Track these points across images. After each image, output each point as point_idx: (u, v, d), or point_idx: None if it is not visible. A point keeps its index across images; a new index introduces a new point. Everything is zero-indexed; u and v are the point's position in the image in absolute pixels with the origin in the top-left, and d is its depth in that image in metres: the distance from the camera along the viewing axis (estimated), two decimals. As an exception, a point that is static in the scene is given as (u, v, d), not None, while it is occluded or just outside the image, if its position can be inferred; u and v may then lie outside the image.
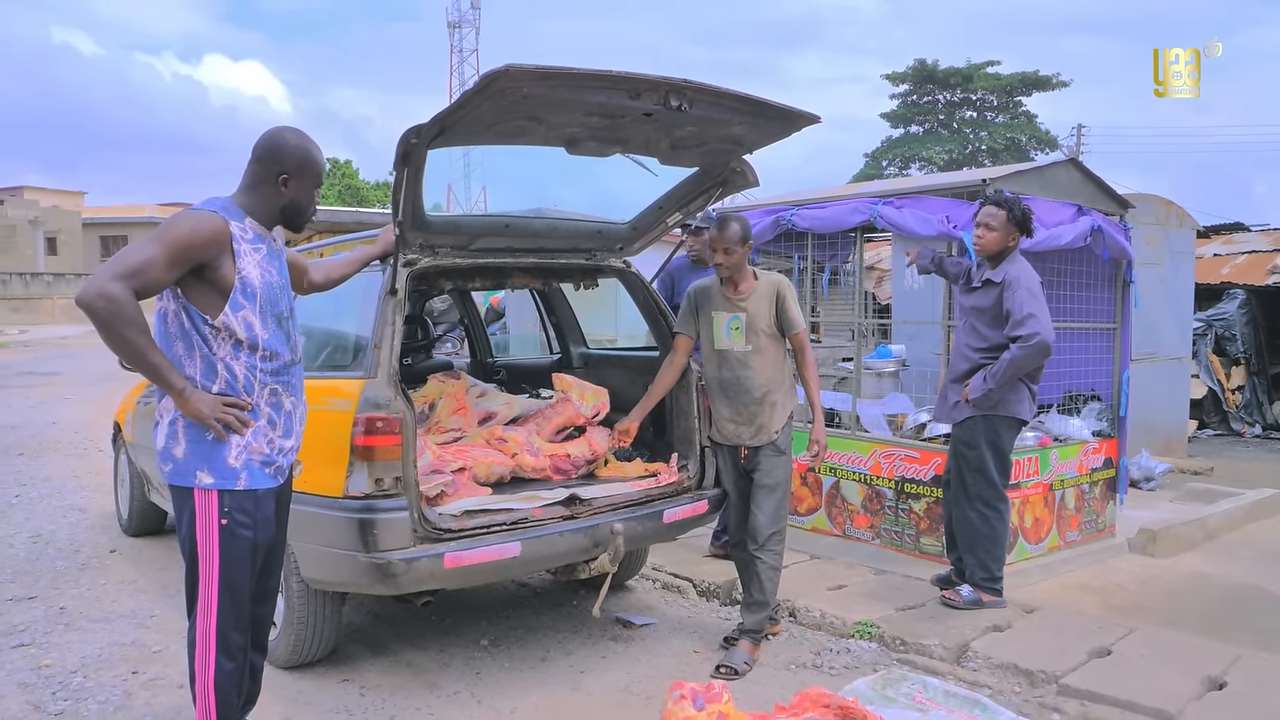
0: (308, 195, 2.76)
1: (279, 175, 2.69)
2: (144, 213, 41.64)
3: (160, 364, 2.54)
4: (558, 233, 4.05)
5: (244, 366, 2.65)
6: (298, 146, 2.72)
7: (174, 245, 2.52)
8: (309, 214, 2.81)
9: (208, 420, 2.57)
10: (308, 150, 2.74)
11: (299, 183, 2.71)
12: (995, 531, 4.30)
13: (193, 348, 2.61)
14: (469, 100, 2.82)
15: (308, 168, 2.73)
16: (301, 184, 2.72)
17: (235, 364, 2.63)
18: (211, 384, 2.62)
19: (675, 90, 3.02)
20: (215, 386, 2.62)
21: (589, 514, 3.58)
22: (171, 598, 4.66)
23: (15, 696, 3.50)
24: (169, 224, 2.57)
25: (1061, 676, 3.53)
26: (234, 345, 2.63)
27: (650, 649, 3.98)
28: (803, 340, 3.87)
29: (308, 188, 2.75)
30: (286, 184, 2.70)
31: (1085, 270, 5.63)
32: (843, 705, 2.64)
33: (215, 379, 2.62)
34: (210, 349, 2.61)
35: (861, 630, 4.06)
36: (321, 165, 2.79)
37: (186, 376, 2.60)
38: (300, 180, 2.72)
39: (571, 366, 5.11)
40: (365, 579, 3.19)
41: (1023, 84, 41.31)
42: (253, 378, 2.66)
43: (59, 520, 6.32)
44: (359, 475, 3.16)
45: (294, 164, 2.70)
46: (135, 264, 2.48)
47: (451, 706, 3.41)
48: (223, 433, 2.59)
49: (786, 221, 5.60)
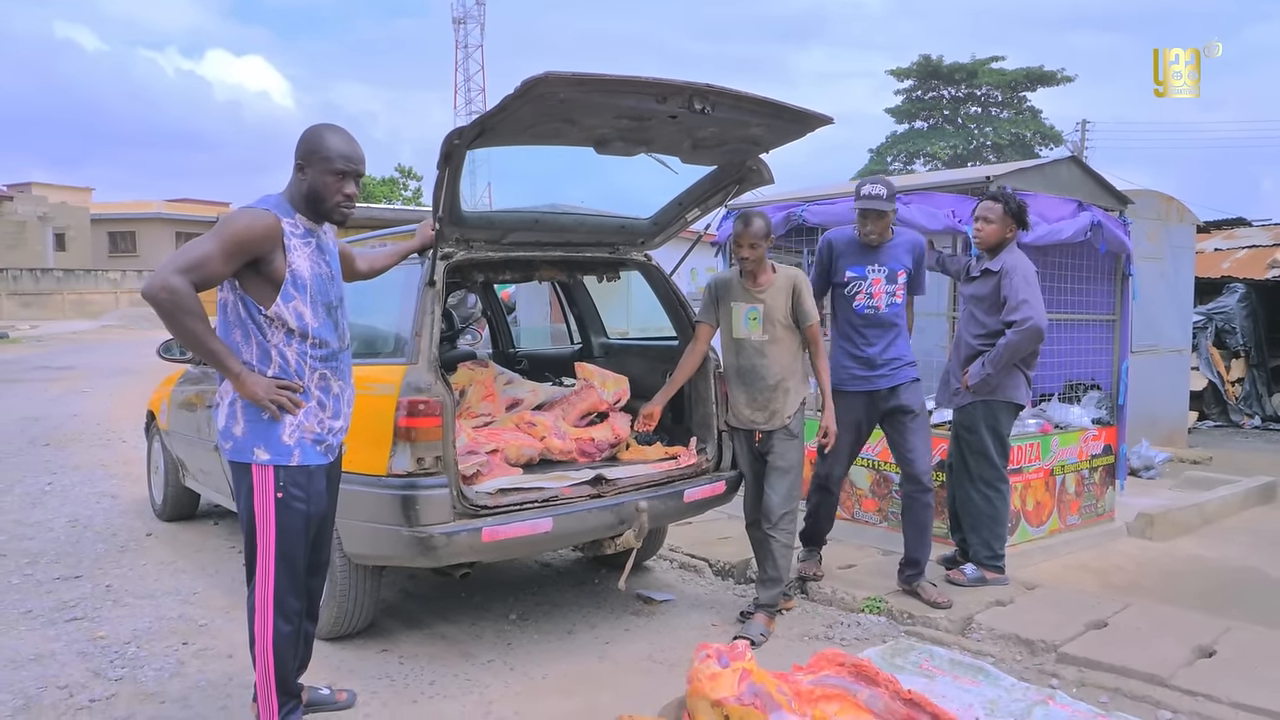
0: (322, 181, 2.82)
1: (298, 164, 2.86)
2: (151, 209, 41.81)
3: (219, 350, 2.76)
4: (584, 228, 4.27)
5: (295, 353, 2.86)
6: (311, 135, 2.85)
7: (230, 241, 2.72)
8: (331, 202, 2.84)
9: (262, 401, 2.79)
10: (320, 137, 2.83)
11: (312, 170, 2.82)
12: (997, 511, 4.52)
13: (249, 335, 2.83)
14: (509, 104, 3.03)
15: (315, 153, 2.81)
16: (314, 171, 2.81)
17: (288, 350, 2.85)
18: (266, 368, 2.84)
19: (699, 94, 3.24)
20: (270, 370, 2.84)
21: (614, 493, 3.80)
22: (210, 576, 4.88)
23: (77, 664, 3.72)
24: (226, 221, 2.77)
25: (1060, 646, 3.74)
26: (286, 333, 2.84)
27: (670, 623, 4.20)
28: (816, 332, 4.10)
29: (320, 174, 2.81)
30: (303, 170, 2.84)
31: (1086, 264, 5.83)
32: (857, 663, 2.85)
33: (270, 364, 2.84)
34: (265, 336, 2.82)
35: (871, 605, 4.28)
36: (336, 150, 2.82)
37: (244, 362, 2.82)
38: (312, 167, 2.81)
39: (593, 356, 5.33)
40: (408, 552, 3.40)
41: (1027, 79, 41.36)
42: (304, 363, 2.87)
43: (94, 506, 6.54)
44: (402, 455, 3.37)
45: (304, 150, 2.83)
46: (195, 259, 2.69)
47: (486, 673, 3.63)
48: (277, 413, 2.81)
49: (797, 217, 5.80)
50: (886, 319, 4.30)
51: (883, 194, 4.19)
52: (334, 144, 2.84)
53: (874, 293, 4.30)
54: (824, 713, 2.68)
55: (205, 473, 5.15)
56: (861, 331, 4.33)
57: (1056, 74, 41.16)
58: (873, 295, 4.30)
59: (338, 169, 2.83)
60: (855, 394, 4.34)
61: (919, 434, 4.31)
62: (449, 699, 3.39)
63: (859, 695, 2.77)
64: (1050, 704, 3.30)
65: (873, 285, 4.30)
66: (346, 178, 2.85)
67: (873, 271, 4.30)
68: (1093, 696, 3.38)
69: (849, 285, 4.34)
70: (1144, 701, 3.32)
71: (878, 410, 4.36)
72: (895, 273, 4.29)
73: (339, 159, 2.83)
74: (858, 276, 4.32)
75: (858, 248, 4.34)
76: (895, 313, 4.31)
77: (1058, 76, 41.21)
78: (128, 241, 40.74)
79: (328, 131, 2.87)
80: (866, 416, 4.38)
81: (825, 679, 2.81)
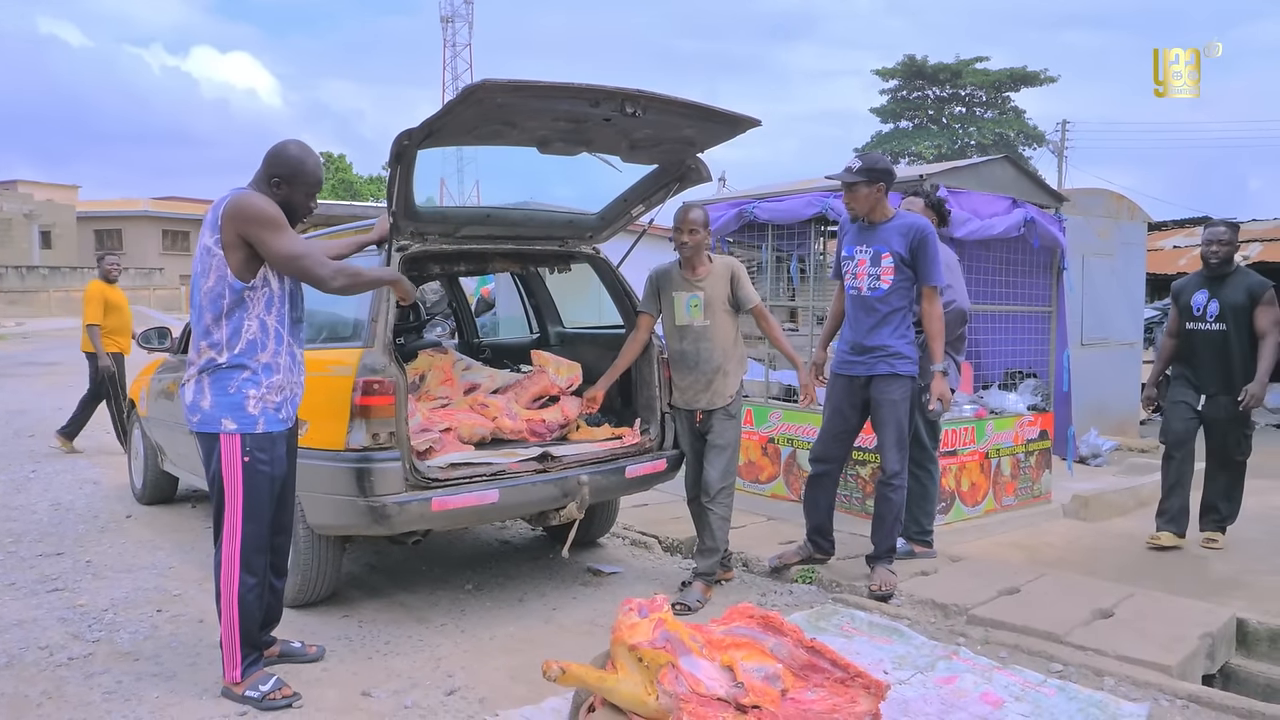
0: (299, 199, 3.24)
1: (272, 178, 3.21)
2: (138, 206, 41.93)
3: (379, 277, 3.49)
4: (533, 222, 4.56)
5: (275, 319, 3.18)
6: (294, 157, 3.24)
7: (279, 219, 3.12)
8: (301, 214, 3.29)
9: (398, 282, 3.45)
10: (304, 161, 3.25)
11: (290, 187, 3.23)
12: (926, 490, 4.83)
13: (221, 316, 3.11)
14: (452, 108, 3.33)
15: (298, 175, 3.24)
16: (293, 189, 3.24)
17: (268, 319, 3.15)
18: (237, 342, 3.12)
19: (629, 99, 3.53)
20: (239, 345, 3.12)
21: (559, 468, 4.09)
22: (187, 553, 5.15)
23: (57, 629, 3.99)
24: (263, 210, 3.10)
25: (971, 609, 4.05)
26: (266, 300, 3.15)
27: (616, 592, 4.48)
28: (761, 309, 4.38)
29: (299, 193, 3.24)
30: (279, 186, 3.22)
31: (1023, 259, 6.15)
32: (765, 615, 3.13)
33: (239, 340, 3.12)
34: (245, 310, 3.12)
35: (803, 576, 4.58)
36: (314, 175, 3.29)
37: (213, 343, 3.11)
38: (291, 185, 3.23)
39: (549, 344, 5.62)
40: (364, 520, 3.68)
41: (1011, 80, 41.84)
42: (281, 329, 3.19)
43: (76, 491, 6.80)
44: (358, 431, 3.65)
45: (287, 171, 3.22)
46: (301, 249, 3.12)
47: (439, 635, 3.91)
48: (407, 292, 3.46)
49: (749, 214, 6.11)
50: (872, 303, 4.26)
51: (852, 167, 4.21)
52: (313, 169, 3.27)
53: (858, 273, 4.30)
54: (732, 658, 2.96)
55: (183, 456, 5.41)
56: (851, 314, 4.39)
57: (1040, 74, 41.66)
58: (857, 276, 4.31)
59: (313, 190, 3.29)
60: (837, 377, 4.45)
61: (884, 428, 4.31)
62: (401, 656, 3.67)
63: (766, 643, 3.06)
64: (954, 659, 3.61)
65: (858, 266, 4.31)
66: (314, 195, 3.32)
67: (860, 252, 4.30)
68: (994, 652, 3.68)
69: (843, 265, 4.41)
70: (1039, 656, 3.62)
71: (859, 397, 4.38)
72: (880, 255, 4.23)
73: (316, 183, 3.31)
74: (848, 257, 4.37)
75: (857, 228, 4.38)
76: (881, 297, 4.24)
77: (1041, 77, 41.71)
78: (114, 239, 40.85)
79: (306, 155, 3.28)
80: (849, 402, 4.40)
81: (735, 629, 3.10)
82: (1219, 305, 5.22)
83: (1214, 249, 5.23)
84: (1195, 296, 5.33)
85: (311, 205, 3.30)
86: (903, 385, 4.28)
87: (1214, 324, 5.26)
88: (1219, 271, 5.25)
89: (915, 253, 4.20)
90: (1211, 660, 3.81)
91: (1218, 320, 5.25)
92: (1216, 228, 5.31)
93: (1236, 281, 5.22)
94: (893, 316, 4.26)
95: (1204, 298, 5.30)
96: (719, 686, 2.83)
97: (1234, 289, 5.20)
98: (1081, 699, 3.25)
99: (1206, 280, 5.32)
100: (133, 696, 3.29)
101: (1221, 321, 5.24)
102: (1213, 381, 5.29)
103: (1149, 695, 3.27)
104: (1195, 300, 5.32)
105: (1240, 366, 5.17)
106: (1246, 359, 5.16)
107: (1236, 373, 5.16)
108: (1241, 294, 5.18)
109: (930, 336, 4.28)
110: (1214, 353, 5.26)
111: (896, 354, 4.27)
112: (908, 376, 4.28)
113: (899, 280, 4.23)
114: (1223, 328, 5.24)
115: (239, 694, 3.18)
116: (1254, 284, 5.17)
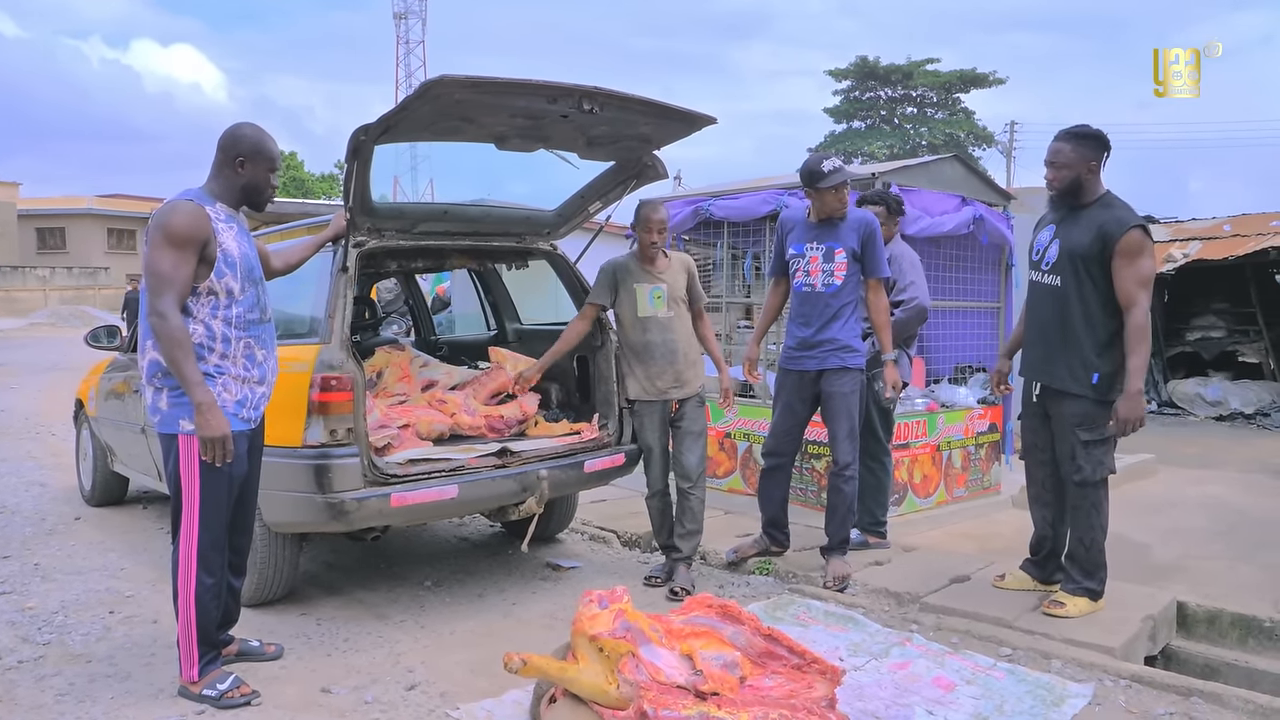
0: (263, 176, 3.24)
1: (236, 159, 3.21)
2: (82, 204, 40.82)
3: (192, 379, 2.97)
4: (490, 218, 4.58)
5: (222, 323, 3.13)
6: (252, 134, 3.26)
7: (180, 239, 3.00)
8: (267, 194, 3.29)
9: (209, 437, 2.99)
10: (261, 138, 3.27)
11: (253, 165, 3.22)
12: (880, 482, 4.92)
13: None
14: (409, 104, 3.33)
15: (260, 152, 3.23)
16: (256, 167, 3.23)
17: (214, 322, 3.11)
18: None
19: (587, 96, 3.56)
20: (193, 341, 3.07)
21: (518, 463, 4.11)
22: (139, 554, 5.08)
23: (5, 632, 3.91)
24: (163, 224, 3.01)
25: (923, 597, 4.14)
26: (213, 306, 3.10)
27: (575, 586, 4.50)
28: (702, 309, 4.54)
29: (262, 170, 3.23)
30: (243, 166, 3.21)
31: (973, 256, 6.28)
32: (723, 605, 3.19)
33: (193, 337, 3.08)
34: (189, 317, 3.06)
35: (760, 567, 4.65)
36: (275, 151, 3.30)
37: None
38: (254, 163, 3.22)
39: (506, 341, 5.63)
40: (322, 517, 3.67)
41: (961, 81, 42.48)
42: (230, 331, 3.14)
43: (21, 494, 6.65)
44: (316, 427, 3.64)
45: (249, 148, 3.22)
46: (163, 274, 2.97)
47: (398, 631, 3.91)
48: (216, 454, 3.02)
49: (705, 211, 6.17)
50: (825, 298, 4.30)
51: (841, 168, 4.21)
52: (271, 146, 3.27)
53: (810, 270, 4.32)
54: (691, 647, 3.01)
55: (134, 456, 5.33)
56: (800, 310, 4.41)
57: (989, 76, 42.35)
58: (809, 273, 4.33)
59: (275, 167, 3.29)
60: (787, 372, 4.50)
61: (835, 420, 4.36)
62: (360, 652, 3.66)
63: (724, 632, 3.11)
64: (907, 645, 3.70)
65: (810, 263, 4.33)
66: (276, 172, 3.31)
67: (811, 249, 4.32)
68: (945, 638, 3.77)
69: (791, 263, 4.43)
70: (989, 641, 3.72)
71: (809, 391, 4.43)
72: (833, 251, 4.27)
73: (276, 159, 3.29)
74: (797, 254, 4.39)
75: (804, 226, 4.40)
76: (834, 293, 4.28)
77: (990, 79, 42.40)
78: (57, 238, 39.80)
79: (263, 134, 3.28)
80: (799, 396, 4.44)
81: (694, 619, 3.15)
82: (1059, 249, 3.75)
83: (1049, 175, 3.76)
84: (1040, 234, 3.92)
85: (274, 183, 3.30)
86: (853, 378, 4.37)
87: (1048, 275, 3.77)
88: (1066, 203, 3.79)
89: (865, 246, 4.29)
90: (1153, 642, 3.96)
91: (1053, 271, 3.75)
92: (1055, 141, 3.74)
93: (1091, 217, 3.67)
94: (844, 310, 4.34)
95: (1048, 236, 3.84)
96: (679, 675, 2.88)
97: (1083, 227, 3.67)
98: (1030, 681, 3.35)
99: (1055, 214, 3.89)
100: (86, 698, 3.24)
101: (1057, 273, 3.74)
102: (1036, 362, 3.88)
103: (1094, 676, 3.38)
104: (1039, 239, 3.91)
105: (1075, 346, 3.69)
106: (1087, 335, 3.67)
107: (1070, 353, 3.71)
108: (1088, 234, 3.63)
109: (878, 327, 4.39)
110: (1045, 318, 3.81)
111: (846, 347, 4.34)
112: (857, 369, 4.38)
113: (850, 275, 4.31)
114: (1055, 282, 3.74)
115: (196, 693, 3.15)
116: (1111, 221, 3.61)
